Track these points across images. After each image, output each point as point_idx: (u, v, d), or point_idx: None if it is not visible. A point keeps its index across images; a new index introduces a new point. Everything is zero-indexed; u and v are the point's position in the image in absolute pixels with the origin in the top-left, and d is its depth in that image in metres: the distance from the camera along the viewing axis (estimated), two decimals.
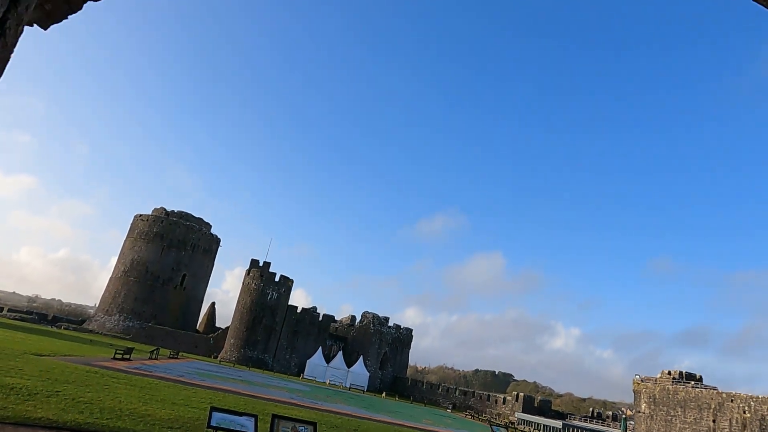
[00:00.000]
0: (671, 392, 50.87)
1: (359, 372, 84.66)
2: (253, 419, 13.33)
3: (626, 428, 60.32)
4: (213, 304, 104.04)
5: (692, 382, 50.79)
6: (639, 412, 55.92)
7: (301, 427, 13.70)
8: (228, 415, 13.27)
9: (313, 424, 14.04)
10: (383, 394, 77.54)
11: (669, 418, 50.30)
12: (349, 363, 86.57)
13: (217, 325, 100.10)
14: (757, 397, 40.78)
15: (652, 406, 53.06)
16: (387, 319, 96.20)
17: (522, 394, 77.88)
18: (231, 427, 12.61)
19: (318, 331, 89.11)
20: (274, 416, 13.63)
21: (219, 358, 78.60)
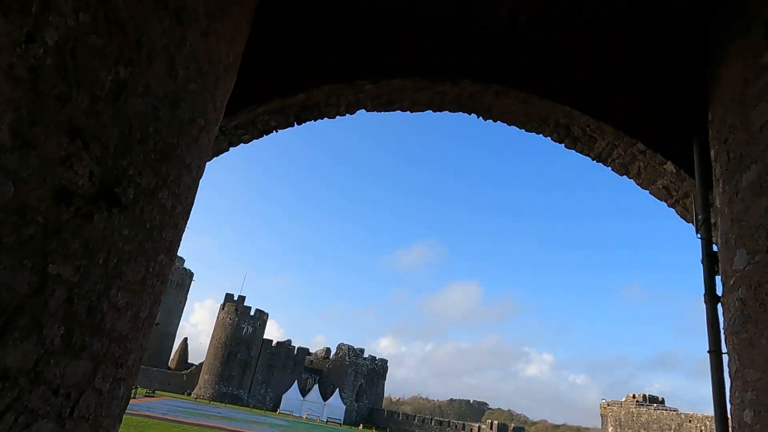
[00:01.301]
0: (635, 415, 53.44)
1: (335, 405, 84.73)
2: None
3: None
4: (185, 339, 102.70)
5: (654, 405, 53.62)
6: None
7: None
8: None
9: None
10: (360, 427, 77.84)
11: None
12: (325, 396, 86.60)
13: (189, 360, 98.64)
14: (713, 417, 43.66)
15: (618, 429, 55.60)
16: (362, 351, 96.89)
17: (496, 422, 79.43)
18: None
19: (293, 365, 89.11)
20: None
21: (194, 395, 77.68)
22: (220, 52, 4.27)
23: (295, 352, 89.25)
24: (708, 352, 4.48)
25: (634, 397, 56.74)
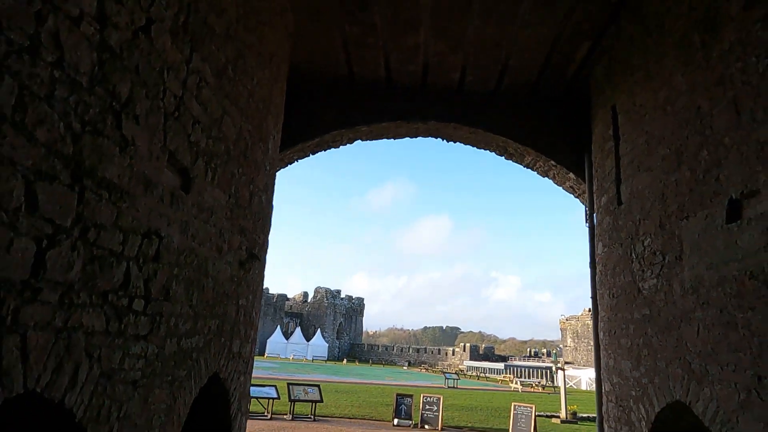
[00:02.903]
0: (590, 326, 59.94)
1: (318, 344, 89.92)
2: (274, 387, 18.01)
3: (556, 360, 69.87)
4: None
5: None
6: (565, 345, 65.78)
7: (309, 389, 18.56)
8: (254, 387, 17.85)
9: (317, 385, 18.92)
10: (344, 361, 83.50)
11: (589, 348, 59.74)
12: (308, 337, 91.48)
13: None
14: None
15: (576, 340, 62.69)
16: (339, 292, 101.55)
17: (468, 345, 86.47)
18: (261, 395, 17.19)
19: (274, 311, 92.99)
20: (288, 384, 18.38)
21: None
22: (273, 127, 6.57)
23: (275, 299, 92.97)
24: (590, 297, 7.40)
25: (589, 311, 63.34)
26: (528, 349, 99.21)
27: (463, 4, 6.28)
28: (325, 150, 8.79)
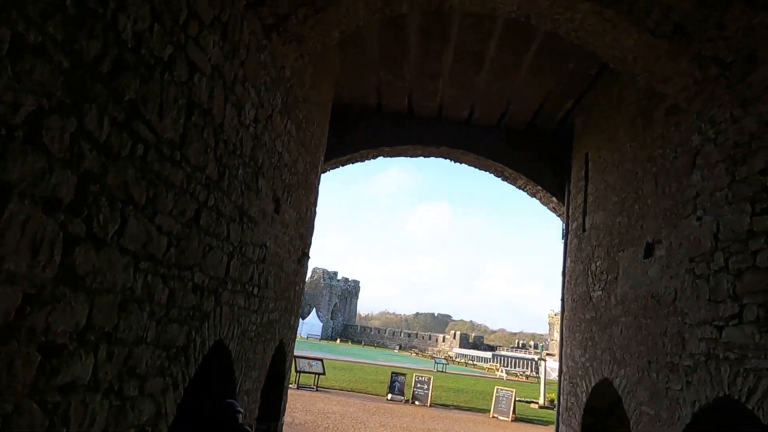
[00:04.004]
0: None
1: (313, 323, 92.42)
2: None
3: (540, 351, 72.44)
4: None
5: None
6: (552, 339, 68.82)
7: (313, 363, 20.56)
8: None
9: (321, 360, 20.93)
10: (337, 341, 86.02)
11: None
12: (303, 315, 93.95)
13: None
14: None
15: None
16: (336, 273, 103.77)
17: (459, 333, 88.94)
18: None
19: None
20: (295, 357, 20.34)
21: None
22: (322, 154, 8.33)
23: None
24: (560, 300, 9.26)
25: None
26: (517, 341, 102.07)
27: (475, 66, 8.03)
28: (352, 163, 10.58)
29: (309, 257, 7.56)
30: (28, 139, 1.83)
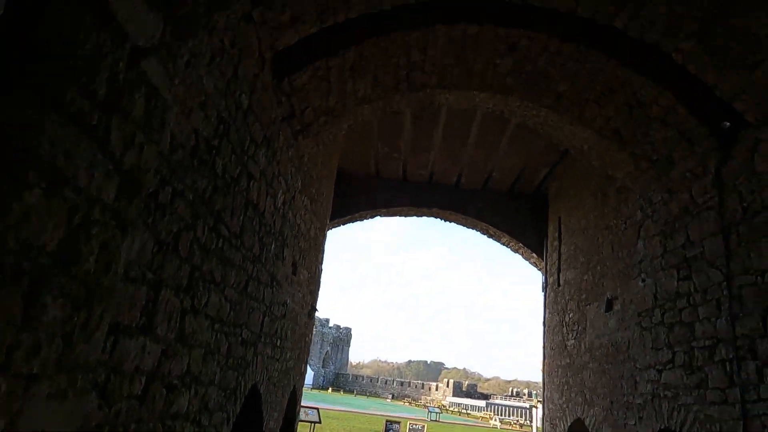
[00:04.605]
0: None
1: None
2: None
3: (533, 398, 71.69)
4: None
5: None
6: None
7: (309, 411, 20.91)
8: None
9: (316, 408, 21.29)
10: (329, 390, 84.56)
11: None
12: None
13: None
14: None
15: None
16: (328, 320, 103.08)
17: (452, 381, 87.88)
18: None
19: None
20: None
21: None
22: (328, 218, 9.42)
23: None
24: (542, 347, 10.19)
25: None
26: (511, 389, 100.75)
27: (461, 142, 9.31)
28: (352, 222, 11.69)
29: (317, 310, 8.51)
30: (174, 248, 2.89)
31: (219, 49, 3.17)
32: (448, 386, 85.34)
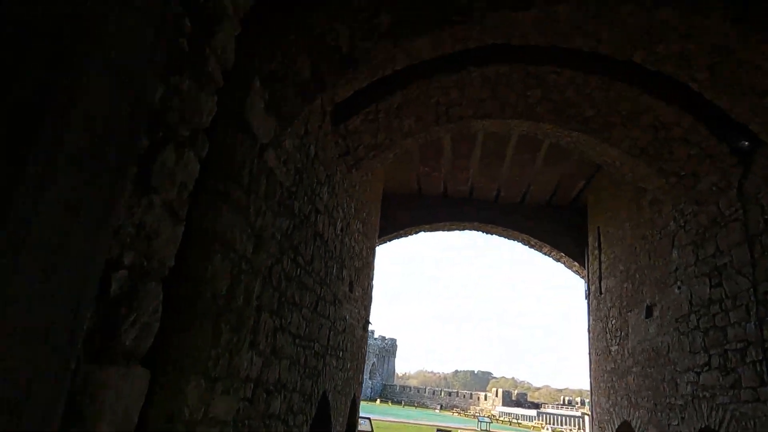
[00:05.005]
0: None
1: None
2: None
3: (586, 407, 69.75)
4: None
5: None
6: None
7: (362, 421, 21.54)
8: None
9: (368, 418, 21.90)
10: (377, 401, 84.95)
11: None
12: None
13: None
14: None
15: None
16: (372, 332, 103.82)
17: (501, 390, 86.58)
18: None
19: None
20: None
21: None
22: (376, 238, 10.10)
23: None
24: (588, 354, 10.48)
25: None
26: (562, 398, 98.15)
27: (498, 161, 9.83)
28: (398, 239, 12.35)
29: (370, 323, 9.17)
30: (269, 279, 3.60)
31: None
32: (497, 396, 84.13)
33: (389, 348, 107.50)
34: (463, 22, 2.95)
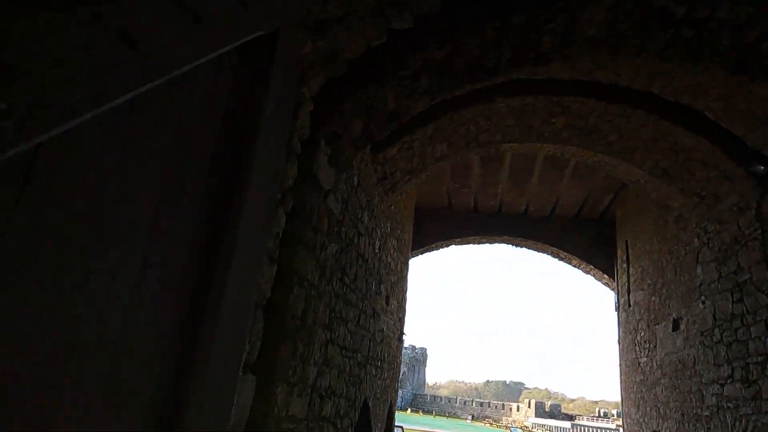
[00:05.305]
0: None
1: None
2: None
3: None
4: None
5: None
6: None
7: (395, 430, 21.91)
8: None
9: (401, 426, 22.24)
10: (408, 411, 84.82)
11: None
12: None
13: None
14: None
15: None
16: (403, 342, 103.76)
17: (534, 401, 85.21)
18: None
19: None
20: None
21: None
22: (409, 251, 10.58)
23: None
24: (618, 365, 10.65)
25: None
26: (598, 409, 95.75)
27: (526, 177, 10.19)
28: (429, 252, 12.79)
29: (405, 335, 9.63)
30: (323, 299, 4.13)
31: None
32: (530, 407, 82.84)
33: (419, 357, 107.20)
34: (491, 79, 3.43)
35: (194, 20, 1.14)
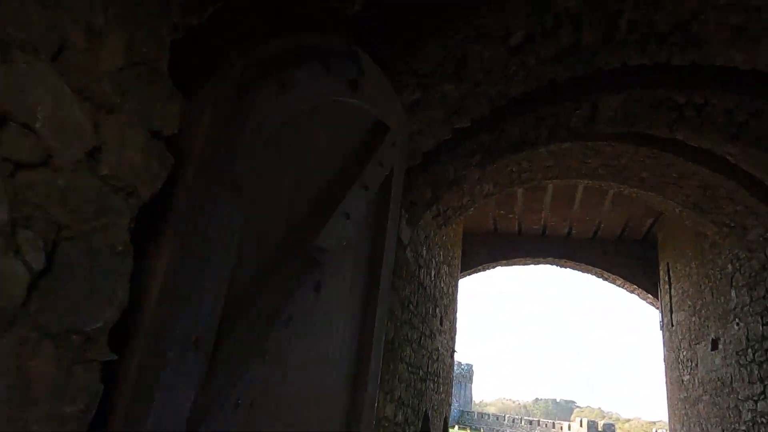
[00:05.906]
0: None
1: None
2: None
3: None
4: None
5: None
6: None
7: None
8: None
9: None
10: (455, 428, 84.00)
11: None
12: None
13: None
14: None
15: None
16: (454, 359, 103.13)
17: (586, 420, 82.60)
18: None
19: None
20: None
21: None
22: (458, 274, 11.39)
23: None
24: (664, 383, 11.00)
25: None
26: (655, 430, 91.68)
27: (568, 203, 10.86)
28: (476, 274, 13.54)
29: (456, 352, 10.42)
30: (388, 323, 5.07)
31: None
32: (581, 425, 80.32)
33: (466, 374, 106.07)
34: (531, 149, 4.29)
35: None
